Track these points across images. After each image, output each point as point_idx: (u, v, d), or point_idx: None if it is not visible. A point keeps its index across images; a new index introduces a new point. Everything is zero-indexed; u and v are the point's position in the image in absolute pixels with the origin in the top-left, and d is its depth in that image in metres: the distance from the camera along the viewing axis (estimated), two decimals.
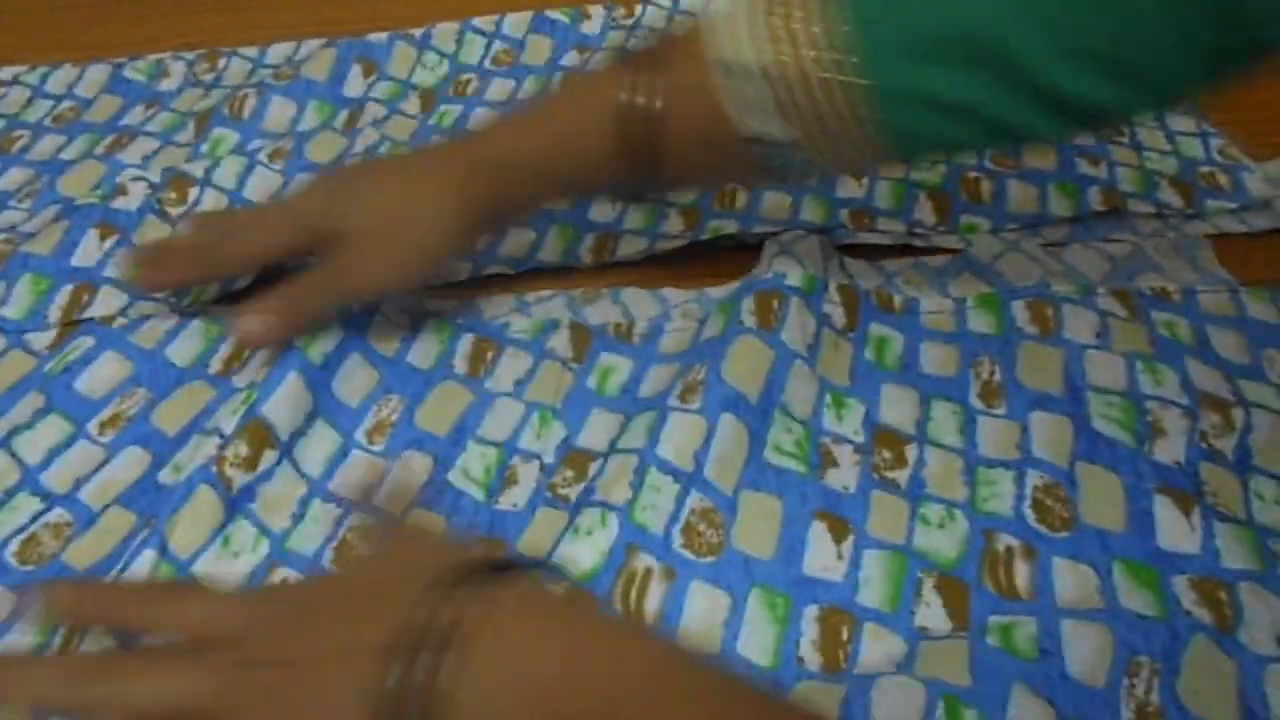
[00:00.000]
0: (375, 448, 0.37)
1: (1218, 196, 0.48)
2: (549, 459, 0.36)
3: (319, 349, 0.38)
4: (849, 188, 0.49)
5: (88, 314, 0.42)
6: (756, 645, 0.30)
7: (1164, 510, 0.33)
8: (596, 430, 0.37)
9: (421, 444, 0.37)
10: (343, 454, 0.37)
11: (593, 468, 0.35)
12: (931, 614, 0.31)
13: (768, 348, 0.37)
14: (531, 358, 0.40)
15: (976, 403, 0.37)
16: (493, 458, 0.36)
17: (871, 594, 0.32)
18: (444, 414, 0.38)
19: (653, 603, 0.31)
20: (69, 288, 0.42)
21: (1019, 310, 0.41)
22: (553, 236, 0.46)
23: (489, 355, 0.40)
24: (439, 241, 0.37)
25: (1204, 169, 0.49)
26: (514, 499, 0.35)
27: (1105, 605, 0.31)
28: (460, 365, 0.40)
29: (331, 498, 0.35)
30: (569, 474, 0.35)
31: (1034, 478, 0.35)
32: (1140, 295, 0.41)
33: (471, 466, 0.36)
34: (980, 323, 0.41)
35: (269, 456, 0.35)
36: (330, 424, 0.37)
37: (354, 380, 0.39)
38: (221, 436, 0.35)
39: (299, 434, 0.36)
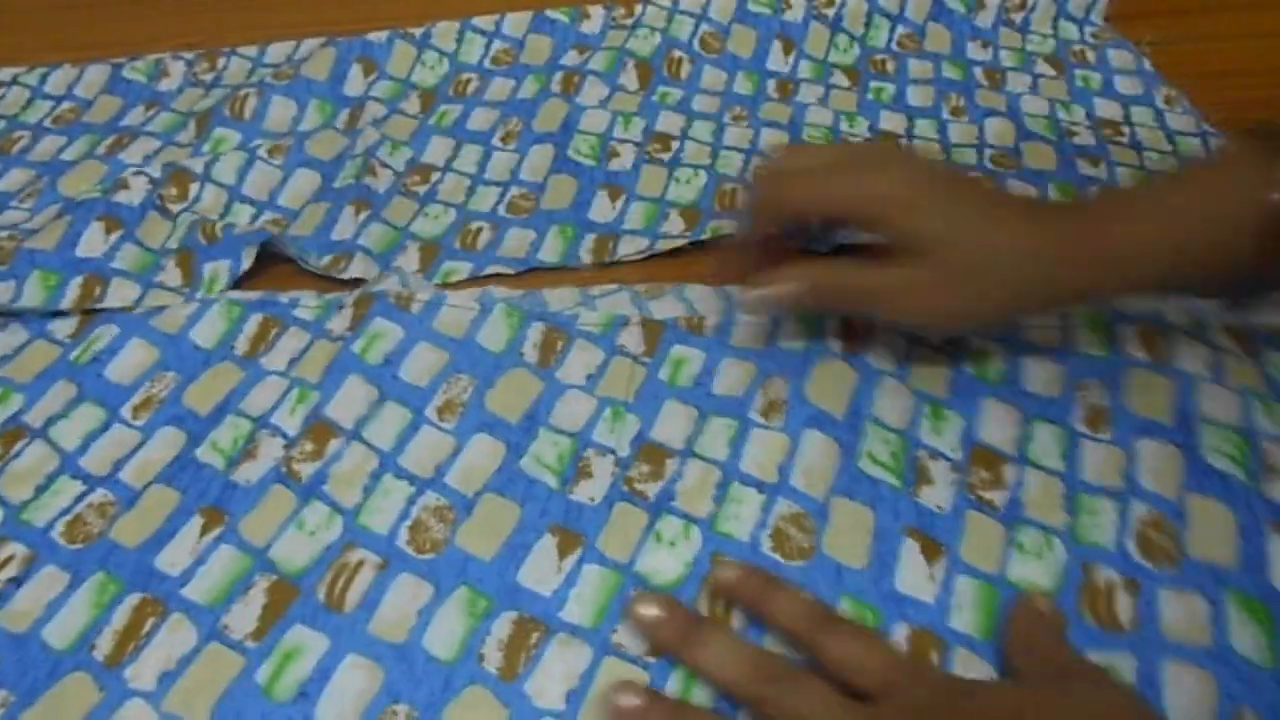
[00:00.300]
0: (445, 425, 0.37)
1: None
2: (624, 453, 0.36)
3: (378, 350, 0.39)
4: None
5: (101, 305, 0.42)
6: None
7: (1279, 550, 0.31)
8: (670, 423, 0.37)
9: (493, 429, 0.37)
10: (413, 429, 0.37)
11: (669, 465, 0.35)
12: None
13: (850, 368, 0.37)
14: (602, 353, 0.40)
15: (1081, 427, 0.36)
16: (566, 446, 0.36)
17: (963, 619, 0.31)
18: (515, 401, 0.38)
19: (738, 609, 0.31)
20: (78, 280, 0.43)
21: (1128, 335, 0.39)
22: (553, 236, 0.46)
23: (559, 345, 0.40)
24: (1013, 297, 0.33)
25: None
26: (590, 492, 0.35)
27: (1213, 642, 0.29)
28: (530, 353, 0.40)
29: (404, 472, 0.35)
30: (645, 468, 0.35)
31: (1139, 509, 0.33)
32: (1256, 335, 0.39)
33: (544, 453, 0.36)
34: (1087, 342, 0.39)
35: (335, 445, 0.36)
36: (399, 402, 0.38)
37: (421, 362, 0.39)
38: (285, 437, 0.36)
39: (365, 419, 0.37)
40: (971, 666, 0.30)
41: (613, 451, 0.36)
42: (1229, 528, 0.32)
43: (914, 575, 0.32)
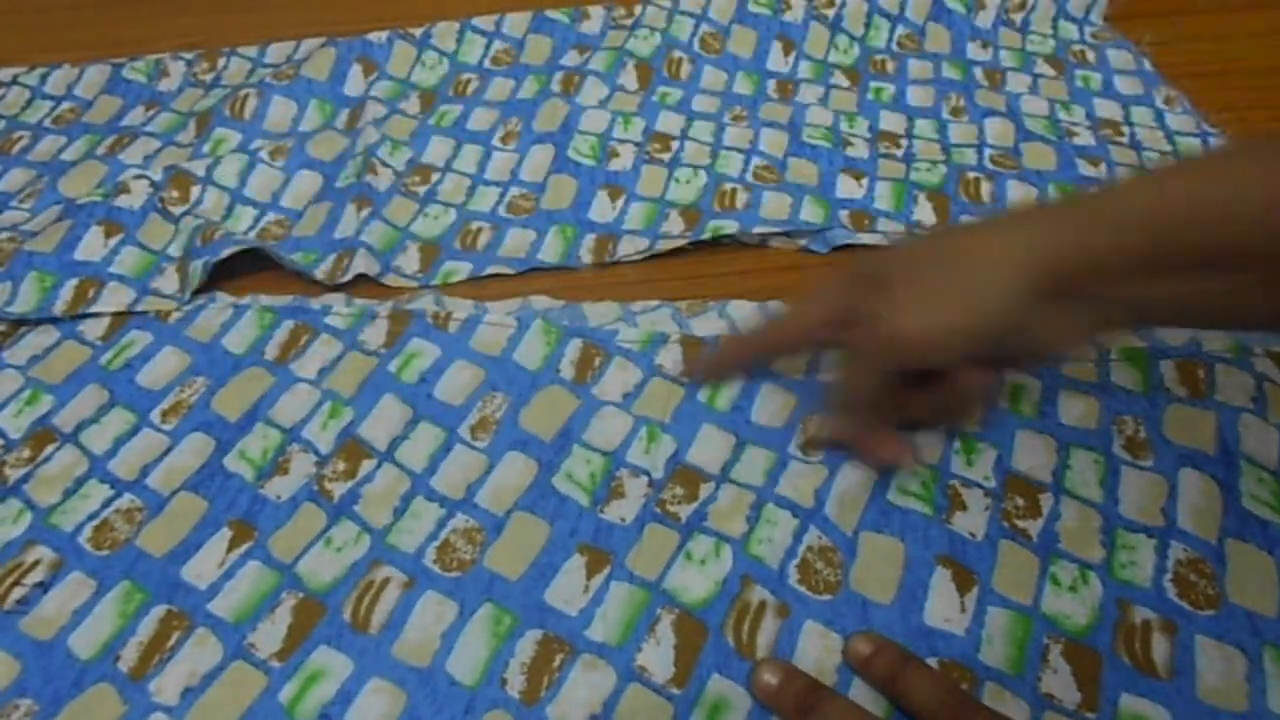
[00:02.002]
0: (479, 444, 0.37)
1: None
2: (658, 474, 0.35)
3: (414, 369, 0.39)
4: (849, 188, 0.49)
5: (94, 309, 0.42)
6: (872, 693, 0.29)
7: None
8: (707, 447, 0.36)
9: (526, 446, 0.37)
10: (445, 449, 0.37)
11: (704, 490, 0.35)
12: (1058, 681, 0.29)
13: None
14: (641, 372, 0.39)
15: (1121, 453, 0.35)
16: (599, 465, 0.36)
17: (994, 653, 0.30)
18: (550, 418, 0.38)
19: (765, 637, 0.30)
20: (74, 282, 0.43)
21: (1168, 370, 0.38)
22: (553, 236, 0.46)
23: (597, 361, 0.40)
24: (997, 292, 0.30)
25: None
26: (621, 512, 0.34)
27: (1250, 705, 0.28)
28: (567, 370, 0.39)
29: (435, 494, 0.35)
30: (679, 491, 0.35)
31: (1178, 550, 0.32)
32: None
33: (576, 471, 0.36)
34: (1125, 378, 0.38)
35: (367, 465, 0.36)
36: (434, 422, 0.37)
37: (457, 381, 0.39)
38: (318, 455, 0.36)
39: (400, 439, 0.37)
40: (1002, 701, 0.29)
41: (647, 473, 0.35)
42: (1269, 574, 0.31)
43: (945, 606, 0.31)
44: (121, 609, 0.32)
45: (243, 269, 0.44)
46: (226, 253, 0.43)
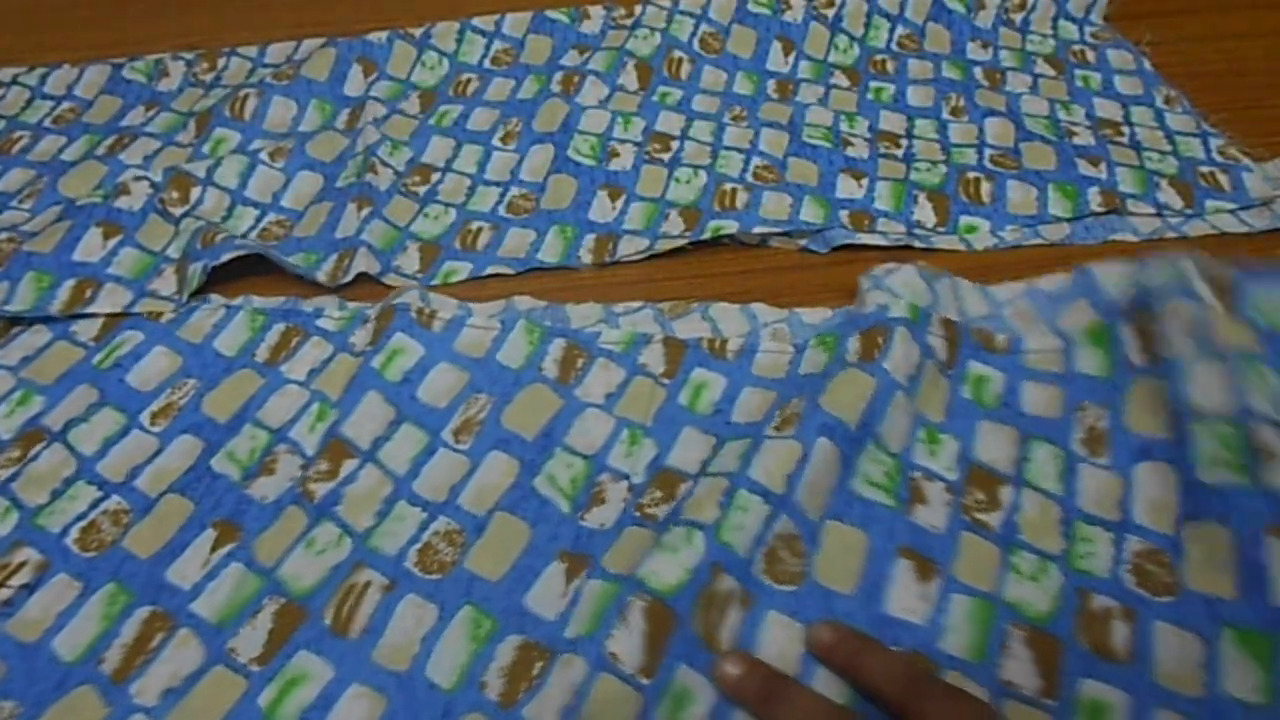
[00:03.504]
0: (461, 446, 0.37)
1: (1218, 196, 0.48)
2: (638, 478, 0.35)
3: (398, 366, 0.39)
4: (849, 188, 0.49)
5: (91, 309, 0.42)
6: (833, 682, 0.29)
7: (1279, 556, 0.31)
8: (687, 450, 0.36)
9: (508, 445, 0.37)
10: (429, 452, 0.37)
11: (682, 490, 0.35)
12: (1020, 668, 0.30)
13: (869, 376, 0.36)
14: (623, 372, 0.39)
15: (1080, 449, 0.36)
16: (580, 469, 0.36)
17: (955, 641, 0.30)
18: (532, 417, 0.38)
19: (728, 629, 0.30)
20: (71, 282, 0.43)
21: (1130, 340, 0.38)
22: (553, 236, 0.46)
23: (579, 362, 0.40)
24: None
25: (1204, 169, 0.49)
26: (602, 518, 0.34)
27: (1205, 691, 0.29)
28: (550, 369, 0.39)
29: (417, 499, 0.35)
30: (658, 494, 0.35)
31: (1134, 543, 0.33)
32: (1238, 280, 0.37)
33: (558, 475, 0.36)
34: (1088, 363, 0.38)
35: (349, 465, 0.36)
36: (417, 424, 0.37)
37: (441, 384, 0.39)
38: (304, 456, 0.36)
39: (382, 440, 0.37)
40: (964, 688, 0.29)
41: (627, 476, 0.36)
42: (1227, 550, 0.32)
43: (906, 596, 0.31)
44: (106, 611, 0.32)
45: (238, 270, 0.44)
46: (227, 257, 0.43)
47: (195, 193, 0.48)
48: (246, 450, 0.37)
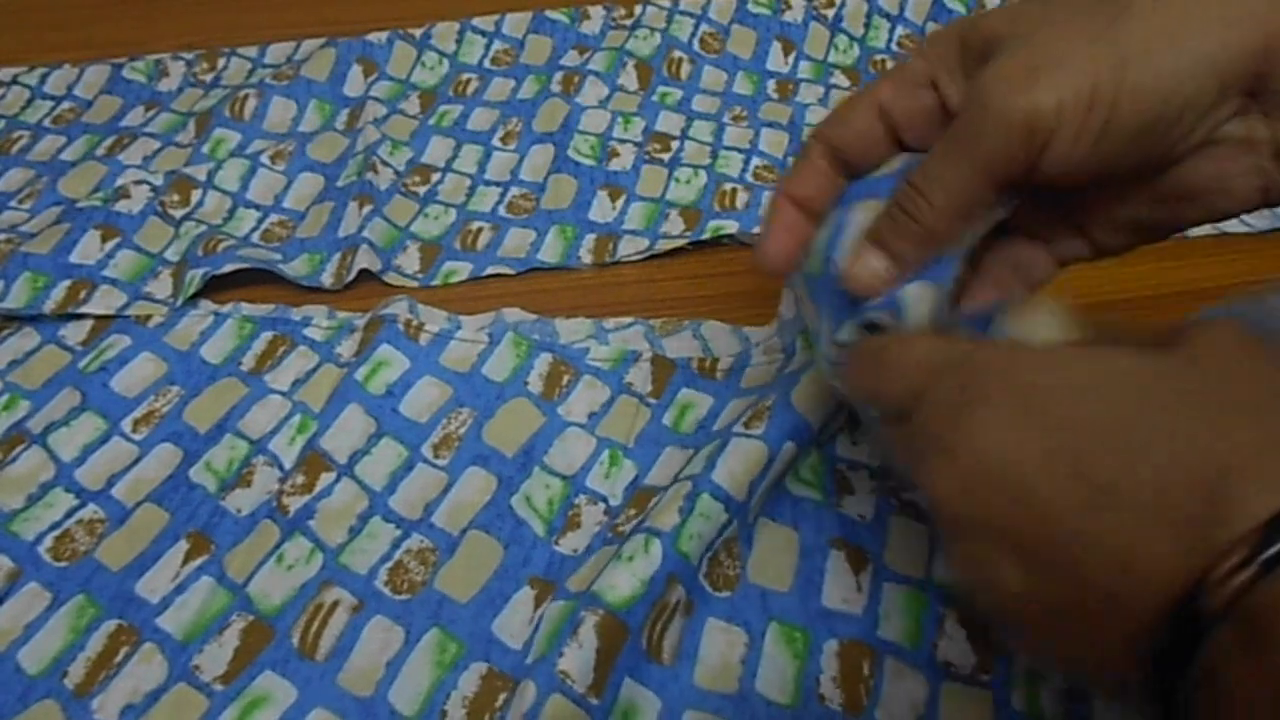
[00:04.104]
0: (440, 461, 0.36)
1: None
2: (615, 501, 0.35)
3: (381, 379, 0.38)
4: None
5: (84, 309, 0.42)
6: (777, 682, 0.30)
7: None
8: (667, 469, 0.35)
9: (488, 462, 0.36)
10: (407, 468, 0.36)
11: (652, 502, 0.34)
12: (954, 648, 0.30)
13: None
14: (609, 390, 0.39)
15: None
16: (558, 490, 0.35)
17: (892, 628, 0.31)
18: (513, 433, 0.37)
19: (670, 638, 0.30)
20: (66, 283, 0.43)
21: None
22: (553, 236, 0.46)
23: (565, 379, 0.39)
24: (1193, 58, 0.22)
25: None
26: (575, 544, 0.34)
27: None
28: (535, 384, 0.39)
29: (392, 515, 0.35)
30: (631, 513, 0.34)
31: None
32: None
33: (535, 496, 0.35)
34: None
35: (326, 478, 0.35)
36: (396, 439, 0.37)
37: (424, 398, 0.38)
38: (282, 470, 0.36)
39: (360, 453, 0.36)
40: (903, 675, 0.30)
41: (605, 499, 0.35)
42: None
43: (842, 587, 0.32)
44: (73, 624, 0.32)
45: (231, 274, 0.44)
46: (230, 268, 0.43)
47: (196, 195, 0.48)
48: (225, 461, 0.36)
